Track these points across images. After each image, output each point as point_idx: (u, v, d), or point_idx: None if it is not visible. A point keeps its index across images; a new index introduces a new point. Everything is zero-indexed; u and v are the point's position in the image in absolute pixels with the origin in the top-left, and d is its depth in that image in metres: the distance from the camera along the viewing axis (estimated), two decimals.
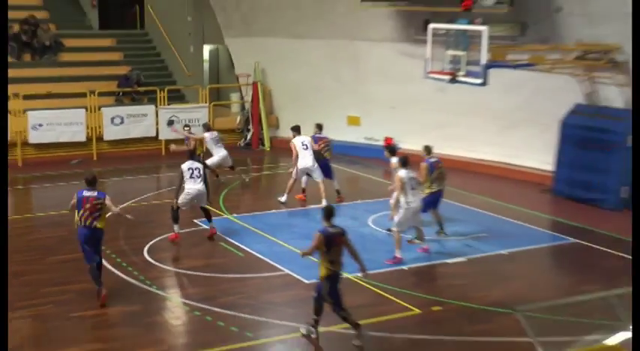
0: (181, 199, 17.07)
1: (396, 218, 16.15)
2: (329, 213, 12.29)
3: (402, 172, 15.89)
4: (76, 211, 13.91)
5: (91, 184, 14.20)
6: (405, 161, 16.18)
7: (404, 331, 12.89)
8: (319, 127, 21.18)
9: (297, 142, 20.39)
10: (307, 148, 20.24)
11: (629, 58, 20.19)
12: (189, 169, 17.06)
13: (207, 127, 22.24)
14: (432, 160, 17.54)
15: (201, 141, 21.94)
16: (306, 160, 20.20)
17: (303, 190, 20.73)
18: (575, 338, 10.31)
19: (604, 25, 20.45)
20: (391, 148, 17.92)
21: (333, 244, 11.99)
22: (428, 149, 17.73)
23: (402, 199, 15.93)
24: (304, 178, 20.71)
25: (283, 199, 20.37)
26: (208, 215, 17.72)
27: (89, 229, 13.87)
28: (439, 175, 17.46)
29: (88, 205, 13.81)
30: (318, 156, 20.47)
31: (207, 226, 17.71)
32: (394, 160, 17.48)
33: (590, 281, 15.24)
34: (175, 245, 17.15)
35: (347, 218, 19.01)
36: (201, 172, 17.28)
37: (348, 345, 12.41)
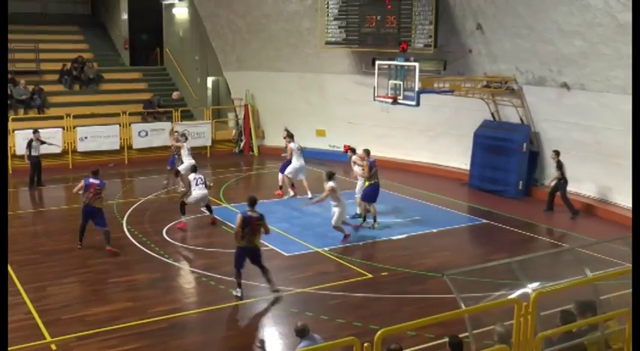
0: (190, 199, 16.65)
1: (334, 219, 15.61)
2: (252, 201, 12.29)
3: (331, 183, 15.45)
4: (84, 193, 14.49)
5: (96, 174, 14.64)
6: (331, 175, 15.58)
7: (360, 291, 12.71)
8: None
9: (294, 147, 19.65)
10: (300, 151, 19.67)
11: (522, 86, 20.19)
12: (194, 179, 16.72)
13: (185, 138, 21.37)
14: (371, 160, 17.20)
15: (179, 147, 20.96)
16: (300, 161, 19.55)
17: (281, 187, 20.25)
18: (486, 294, 10.18)
19: (502, 63, 20.44)
20: (352, 148, 17.75)
21: (248, 225, 11.97)
22: (367, 152, 17.20)
23: (335, 203, 15.53)
24: (281, 177, 20.19)
25: (309, 195, 19.14)
26: (210, 209, 17.32)
27: (91, 207, 14.53)
28: (375, 171, 17.12)
29: (92, 189, 14.44)
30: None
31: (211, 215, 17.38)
32: (354, 157, 17.39)
33: (497, 251, 15.13)
34: (186, 228, 16.82)
35: (316, 206, 18.77)
36: (204, 179, 16.90)
37: (320, 303, 12.22)
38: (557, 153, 18.52)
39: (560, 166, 18.33)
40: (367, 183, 16.95)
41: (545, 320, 7.92)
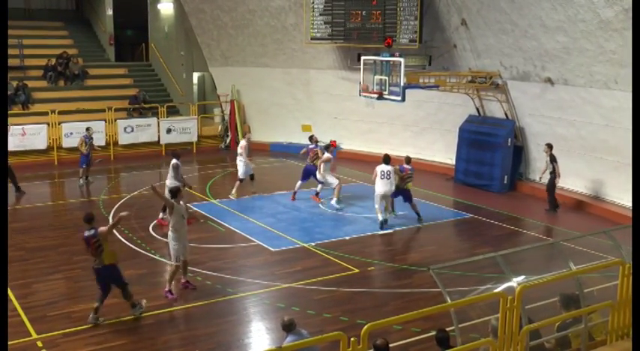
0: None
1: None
2: (88, 219, 11.00)
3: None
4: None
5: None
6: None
7: (347, 285, 12.71)
8: (312, 139, 19.46)
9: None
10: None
11: (507, 81, 20.26)
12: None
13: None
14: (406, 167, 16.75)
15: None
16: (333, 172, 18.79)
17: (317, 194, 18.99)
18: (472, 288, 10.24)
19: (486, 58, 20.51)
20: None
21: (88, 245, 10.92)
22: (407, 159, 17.07)
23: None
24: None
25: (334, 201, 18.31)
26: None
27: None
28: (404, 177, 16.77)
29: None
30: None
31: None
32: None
33: (482, 245, 15.19)
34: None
35: (302, 201, 18.79)
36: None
37: (307, 298, 12.21)
38: (550, 146, 18.23)
39: (553, 159, 18.11)
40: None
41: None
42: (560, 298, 8.74)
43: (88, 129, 21.77)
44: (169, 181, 16.35)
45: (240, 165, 19.18)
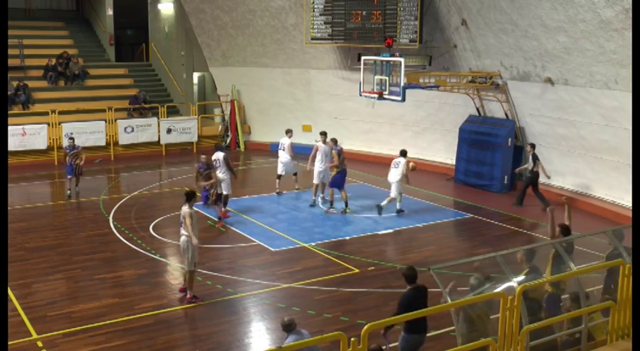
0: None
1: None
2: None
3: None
4: None
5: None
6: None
7: (347, 285, 12.72)
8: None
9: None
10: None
11: (507, 81, 20.25)
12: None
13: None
14: (339, 148, 17.93)
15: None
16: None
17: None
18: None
19: (487, 58, 20.48)
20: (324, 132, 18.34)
21: None
22: (335, 140, 18.11)
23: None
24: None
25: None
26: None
27: None
28: (343, 159, 17.76)
29: None
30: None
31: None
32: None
33: (482, 245, 15.19)
34: (174, 223, 16.77)
35: (302, 201, 18.79)
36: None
37: (307, 298, 12.21)
38: (533, 146, 18.61)
39: (536, 158, 18.41)
40: (335, 170, 17.69)
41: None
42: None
43: (71, 138, 20.19)
44: (221, 175, 17.02)
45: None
